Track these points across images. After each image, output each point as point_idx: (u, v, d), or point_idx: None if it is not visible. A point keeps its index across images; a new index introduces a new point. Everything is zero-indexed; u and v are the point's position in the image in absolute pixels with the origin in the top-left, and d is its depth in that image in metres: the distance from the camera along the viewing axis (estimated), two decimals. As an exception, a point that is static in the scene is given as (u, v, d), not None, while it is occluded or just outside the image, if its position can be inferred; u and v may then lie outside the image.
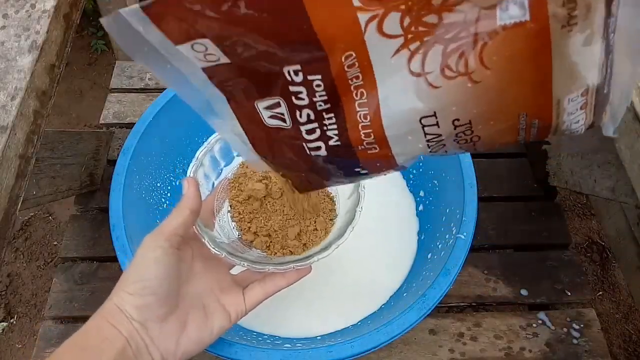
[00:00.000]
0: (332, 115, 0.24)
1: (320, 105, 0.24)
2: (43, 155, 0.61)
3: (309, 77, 0.23)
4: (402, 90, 0.22)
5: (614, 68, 0.22)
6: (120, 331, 0.30)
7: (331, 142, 0.26)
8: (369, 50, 0.21)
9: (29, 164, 0.47)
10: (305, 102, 0.24)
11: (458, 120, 0.23)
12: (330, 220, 0.42)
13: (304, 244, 0.40)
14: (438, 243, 0.52)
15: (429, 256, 0.53)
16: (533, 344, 0.61)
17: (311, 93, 0.23)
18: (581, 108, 0.22)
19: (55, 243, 1.11)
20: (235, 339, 0.42)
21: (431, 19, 0.20)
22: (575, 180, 0.67)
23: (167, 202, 0.60)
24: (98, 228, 0.71)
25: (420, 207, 0.62)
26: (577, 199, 1.16)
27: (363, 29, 0.20)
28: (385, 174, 0.29)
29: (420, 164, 0.62)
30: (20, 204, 0.47)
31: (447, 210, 0.53)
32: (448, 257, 0.47)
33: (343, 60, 0.22)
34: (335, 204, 0.43)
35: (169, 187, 0.61)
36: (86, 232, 0.70)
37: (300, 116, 0.25)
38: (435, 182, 0.58)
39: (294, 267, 0.37)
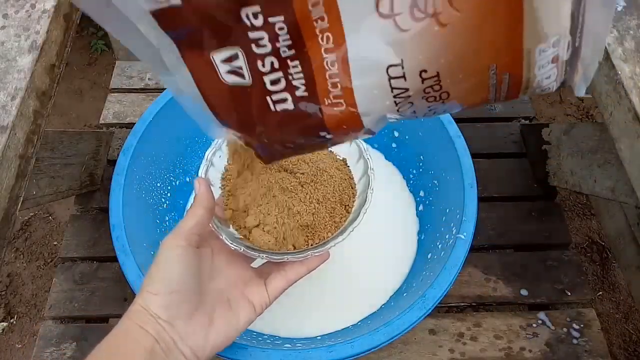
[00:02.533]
0: (297, 63, 0.23)
1: (285, 52, 0.23)
2: (43, 155, 0.61)
3: (270, 20, 0.21)
4: (370, 35, 0.21)
5: (585, 17, 0.21)
6: (147, 331, 0.30)
7: (298, 93, 0.24)
8: None
9: (29, 164, 0.47)
10: (268, 49, 0.22)
11: (425, 72, 0.22)
12: (347, 206, 0.41)
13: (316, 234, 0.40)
14: (438, 243, 0.52)
15: (429, 256, 0.53)
16: (533, 344, 0.61)
17: (274, 38, 0.22)
18: (552, 61, 0.21)
19: (55, 243, 1.11)
20: (235, 339, 0.42)
21: None
22: (575, 180, 0.67)
23: (167, 202, 0.60)
24: (98, 228, 0.71)
25: (420, 207, 0.62)
26: (577, 199, 1.16)
27: None
28: (349, 140, 0.28)
29: (420, 164, 0.62)
30: (20, 204, 0.47)
31: (447, 210, 0.53)
32: (448, 257, 0.47)
33: None
34: (354, 192, 0.42)
35: (169, 187, 0.61)
36: (86, 232, 0.70)
37: (263, 65, 0.23)
38: (435, 182, 0.58)
39: (312, 254, 0.38)
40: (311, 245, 0.38)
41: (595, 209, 0.96)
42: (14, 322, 1.01)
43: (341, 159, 0.44)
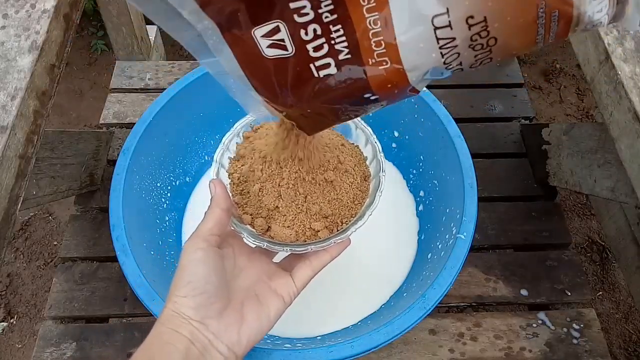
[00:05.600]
0: (339, 27, 0.23)
1: (327, 17, 0.23)
2: (43, 155, 0.61)
3: None
4: None
5: None
6: (181, 333, 0.31)
7: (341, 57, 0.24)
8: None
9: (29, 164, 0.47)
10: (310, 16, 0.23)
11: (472, 17, 0.22)
12: (363, 191, 0.41)
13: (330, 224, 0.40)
14: (438, 243, 0.52)
15: (429, 256, 0.53)
16: (533, 344, 0.61)
17: (316, 5, 0.22)
18: None
19: (55, 243, 1.11)
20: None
21: None
22: (575, 180, 0.67)
23: (167, 202, 0.60)
24: (98, 228, 0.71)
25: (420, 207, 0.62)
26: (577, 199, 1.16)
27: None
28: (396, 100, 0.28)
29: (420, 164, 0.62)
30: (20, 204, 0.47)
31: (447, 210, 0.53)
32: (448, 257, 0.47)
33: None
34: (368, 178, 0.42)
35: (169, 187, 0.61)
36: (86, 232, 0.70)
37: (306, 34, 0.23)
38: (435, 182, 0.58)
39: (334, 242, 0.38)
40: (332, 233, 0.38)
41: (595, 209, 0.96)
42: (14, 322, 1.01)
43: (354, 145, 0.43)
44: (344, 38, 0.24)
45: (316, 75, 0.25)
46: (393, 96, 0.27)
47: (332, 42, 0.24)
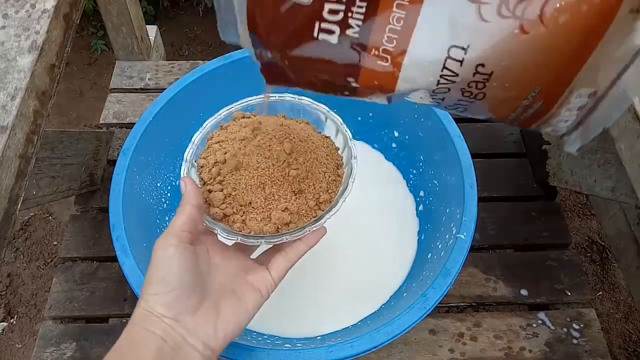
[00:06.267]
0: (364, 5, 0.23)
1: None
2: (43, 155, 0.61)
3: None
4: (449, 9, 0.21)
5: (613, 88, 0.22)
6: (154, 332, 0.30)
7: (348, 32, 0.24)
8: None
9: (29, 164, 0.47)
10: None
11: (482, 66, 0.22)
12: (336, 180, 0.41)
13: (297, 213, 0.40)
14: (438, 243, 0.52)
15: (429, 256, 0.53)
16: (533, 344, 0.61)
17: None
18: (579, 109, 0.22)
19: (55, 243, 1.11)
20: (235, 339, 0.42)
21: None
22: (575, 180, 0.67)
23: (167, 202, 0.60)
24: (98, 228, 0.71)
25: (420, 207, 0.62)
26: (577, 199, 1.16)
27: None
28: (368, 99, 0.28)
29: (420, 164, 0.62)
30: (20, 204, 0.47)
31: (447, 210, 0.53)
32: (448, 257, 0.47)
33: None
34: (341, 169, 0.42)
35: (169, 187, 0.61)
36: (86, 232, 0.70)
37: None
38: (435, 182, 0.58)
39: (309, 230, 0.38)
40: (306, 222, 0.38)
41: (595, 209, 0.96)
42: (14, 322, 1.01)
43: (325, 136, 0.44)
44: (362, 17, 0.23)
45: (315, 35, 0.25)
46: (370, 93, 0.27)
47: (350, 14, 0.23)
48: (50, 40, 0.47)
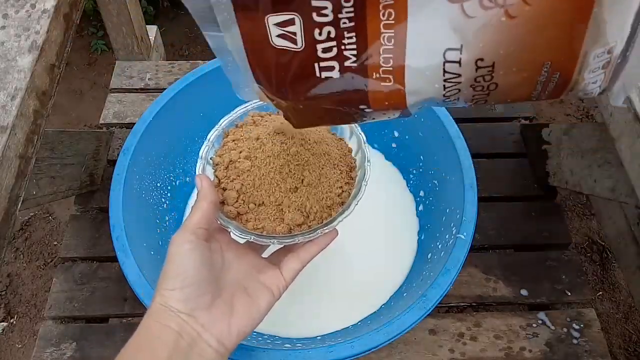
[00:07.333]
0: (353, 35, 0.23)
1: (345, 23, 0.23)
2: (43, 155, 0.61)
3: None
4: (434, 16, 0.21)
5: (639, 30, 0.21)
6: (169, 326, 0.31)
7: (347, 63, 0.24)
8: None
9: (29, 164, 0.47)
10: (329, 18, 0.23)
11: (482, 60, 0.22)
12: (348, 183, 0.41)
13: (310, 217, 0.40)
14: (438, 243, 0.52)
15: (429, 256, 0.53)
16: (533, 344, 0.61)
17: (337, 9, 0.22)
18: (603, 67, 0.22)
19: (55, 243, 1.11)
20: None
21: None
22: (575, 180, 0.67)
23: (167, 202, 0.60)
24: (98, 228, 0.71)
25: (420, 207, 0.62)
26: (577, 199, 1.16)
27: None
28: (385, 118, 0.28)
29: (420, 164, 0.62)
30: (20, 204, 0.47)
31: (447, 210, 0.53)
32: (448, 257, 0.47)
33: None
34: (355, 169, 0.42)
35: (169, 187, 0.61)
36: (86, 232, 0.70)
37: (320, 34, 0.23)
38: (435, 182, 0.58)
39: (321, 232, 0.38)
40: (319, 223, 0.39)
41: (595, 209, 0.96)
42: (14, 322, 1.01)
43: (339, 138, 0.44)
44: (355, 47, 0.24)
45: (318, 75, 0.25)
46: (386, 114, 0.27)
47: (343, 47, 0.24)
48: (50, 40, 0.47)
